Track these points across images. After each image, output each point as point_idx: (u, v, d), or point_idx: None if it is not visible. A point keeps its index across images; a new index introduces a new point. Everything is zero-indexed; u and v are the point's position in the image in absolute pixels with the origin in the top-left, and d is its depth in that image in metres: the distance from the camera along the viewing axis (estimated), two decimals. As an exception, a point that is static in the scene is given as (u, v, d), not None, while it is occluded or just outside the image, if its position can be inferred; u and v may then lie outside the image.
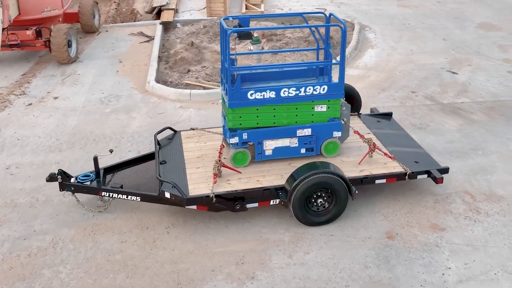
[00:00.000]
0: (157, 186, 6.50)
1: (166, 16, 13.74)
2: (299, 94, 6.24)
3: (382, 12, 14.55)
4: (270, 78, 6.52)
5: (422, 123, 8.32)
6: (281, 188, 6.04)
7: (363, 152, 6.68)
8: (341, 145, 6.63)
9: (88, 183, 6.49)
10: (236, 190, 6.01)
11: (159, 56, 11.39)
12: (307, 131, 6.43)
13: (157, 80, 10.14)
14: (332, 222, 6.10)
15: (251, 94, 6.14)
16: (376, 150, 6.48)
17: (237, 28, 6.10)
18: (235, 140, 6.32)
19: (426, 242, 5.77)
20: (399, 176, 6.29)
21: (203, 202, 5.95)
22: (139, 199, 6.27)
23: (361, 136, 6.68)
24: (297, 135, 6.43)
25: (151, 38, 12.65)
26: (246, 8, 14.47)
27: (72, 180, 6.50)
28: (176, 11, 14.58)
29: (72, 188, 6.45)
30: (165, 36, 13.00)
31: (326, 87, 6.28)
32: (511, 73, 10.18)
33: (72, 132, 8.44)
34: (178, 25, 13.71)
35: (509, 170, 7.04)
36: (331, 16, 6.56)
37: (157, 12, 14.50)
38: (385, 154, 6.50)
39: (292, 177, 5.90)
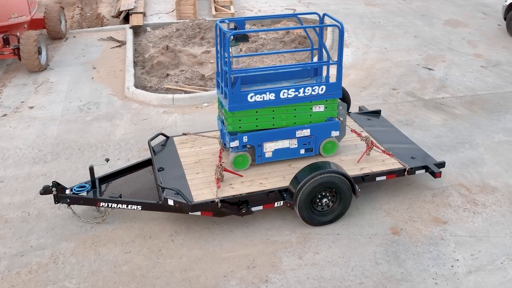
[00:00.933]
0: (156, 194, 6.44)
1: (136, 20, 13.56)
2: (298, 95, 6.30)
3: (350, 11, 14.81)
4: (265, 80, 6.55)
5: (408, 119, 8.54)
6: (285, 190, 6.08)
7: (360, 150, 6.81)
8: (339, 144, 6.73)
9: (85, 194, 6.35)
10: (241, 194, 6.01)
11: (134, 61, 11.22)
12: (306, 132, 6.50)
13: (136, 86, 10.00)
14: (336, 221, 6.18)
15: (251, 97, 6.15)
16: (374, 147, 6.61)
17: (237, 31, 6.09)
18: (235, 143, 6.31)
19: (431, 235, 5.93)
20: (399, 173, 6.43)
21: (208, 207, 5.92)
22: (140, 208, 6.18)
23: (359, 135, 6.80)
24: (297, 136, 6.48)
25: (122, 43, 12.45)
26: (216, 10, 14.44)
27: (67, 191, 6.34)
28: (144, 14, 14.40)
29: (68, 200, 6.28)
30: (136, 41, 12.82)
31: (324, 87, 6.36)
32: (484, 68, 10.57)
33: (54, 143, 8.21)
34: (148, 28, 13.56)
35: (498, 162, 7.32)
36: (325, 16, 6.64)
37: (125, 16, 14.28)
38: (383, 151, 6.64)
39: (297, 178, 5.94)
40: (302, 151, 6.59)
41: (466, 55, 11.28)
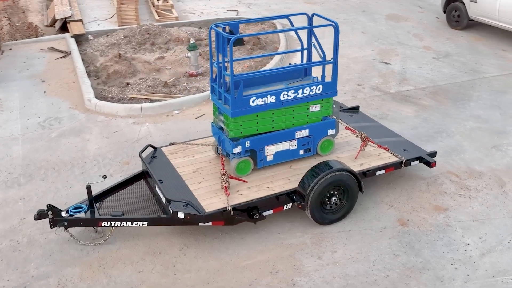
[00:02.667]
0: (156, 207, 6.28)
1: (77, 28, 13.03)
2: (297, 96, 6.38)
3: (293, 10, 15.09)
4: (259, 83, 6.56)
5: (381, 113, 8.88)
6: (293, 192, 6.14)
7: (353, 146, 7.01)
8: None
9: (82, 215, 6.07)
10: (251, 200, 6.00)
11: (87, 72, 10.80)
12: (305, 132, 6.60)
13: (96, 97, 9.63)
14: (344, 218, 6.32)
15: (253, 101, 6.16)
16: (370, 142, 6.83)
17: (240, 35, 6.06)
18: (238, 149, 6.29)
19: (437, 223, 6.23)
20: (396, 165, 6.69)
21: (220, 217, 5.86)
22: (146, 224, 6.00)
23: (353, 131, 7.00)
24: (296, 137, 6.56)
25: (67, 53, 11.93)
26: (158, 15, 14.20)
27: (63, 214, 6.03)
28: (81, 22, 13.86)
29: (65, 223, 5.99)
30: (81, 50, 12.32)
31: (321, 86, 6.49)
32: (437, 59, 11.20)
33: (24, 163, 7.75)
34: (90, 37, 13.07)
35: (476, 148, 7.80)
36: (314, 15, 6.78)
37: (62, 25, 13.68)
38: (379, 145, 6.88)
39: (307, 180, 6.02)
40: (301, 152, 6.68)
41: (416, 48, 11.89)
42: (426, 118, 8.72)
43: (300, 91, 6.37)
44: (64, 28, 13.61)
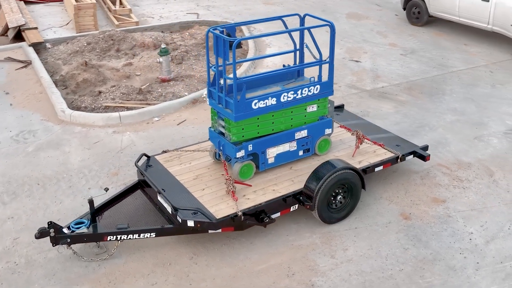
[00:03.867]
0: (160, 217, 6.20)
1: (34, 36, 12.57)
2: (297, 97, 6.46)
3: (253, 11, 15.19)
4: (256, 86, 6.59)
5: (362, 111, 9.10)
6: (299, 193, 6.21)
7: (347, 145, 7.16)
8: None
9: (85, 230, 5.89)
10: (260, 204, 6.02)
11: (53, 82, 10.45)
12: (304, 133, 6.68)
13: (69, 107, 9.35)
14: (349, 216, 6.45)
15: (255, 104, 6.18)
16: (365, 140, 7.00)
17: (241, 38, 6.07)
18: (241, 153, 6.29)
19: (438, 215, 6.47)
20: (393, 161, 6.89)
21: (231, 222, 5.85)
22: (154, 235, 5.90)
23: (348, 130, 7.15)
24: (296, 138, 6.64)
25: (27, 63, 11.50)
26: (117, 20, 13.92)
27: (65, 230, 5.84)
28: (37, 30, 13.39)
29: (69, 240, 5.80)
30: (41, 59, 11.90)
31: (319, 86, 6.60)
32: (404, 56, 11.58)
33: (4, 181, 7.43)
34: (48, 45, 12.65)
35: (459, 140, 8.14)
36: (306, 16, 6.88)
37: (16, 34, 13.16)
38: (374, 142, 7.06)
39: (314, 180, 6.09)
40: (301, 153, 6.77)
41: (382, 45, 12.24)
42: (406, 113, 9.02)
43: (299, 92, 6.46)
44: (17, 37, 13.11)
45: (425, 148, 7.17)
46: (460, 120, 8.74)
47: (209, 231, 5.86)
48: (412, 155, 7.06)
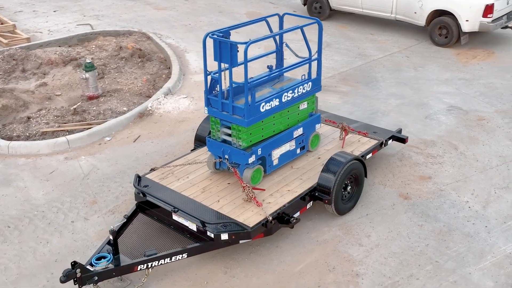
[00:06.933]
0: (179, 237, 6.07)
1: None
2: (294, 96, 6.69)
3: (148, 18, 14.93)
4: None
5: (313, 105, 9.57)
6: (314, 190, 6.46)
7: (332, 137, 7.58)
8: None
9: (111, 265, 5.55)
10: (284, 205, 6.16)
11: (-36, 113, 9.41)
12: (300, 131, 6.94)
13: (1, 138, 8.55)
14: (356, 204, 6.87)
15: (262, 107, 6.29)
16: (351, 131, 7.47)
17: (252, 40, 6.12)
18: (252, 158, 6.36)
19: (432, 190, 7.15)
20: (378, 147, 7.43)
21: (262, 229, 5.93)
22: (186, 256, 5.77)
23: (334, 122, 7.56)
24: (294, 136, 6.87)
25: None
26: (6, 38, 12.82)
27: (89, 268, 5.46)
28: None
29: (96, 278, 5.43)
30: None
31: (310, 83, 6.90)
32: (323, 49, 12.27)
33: (-35, 230, 6.64)
34: None
35: (412, 121, 8.97)
36: (285, 15, 7.14)
37: None
38: (359, 131, 7.54)
39: (327, 175, 6.37)
40: (298, 151, 7.02)
41: (296, 41, 12.81)
42: (354, 102, 9.68)
43: (296, 91, 6.70)
44: None
45: (400, 131, 7.83)
46: (404, 103, 9.62)
47: (240, 242, 5.87)
48: (391, 140, 7.68)
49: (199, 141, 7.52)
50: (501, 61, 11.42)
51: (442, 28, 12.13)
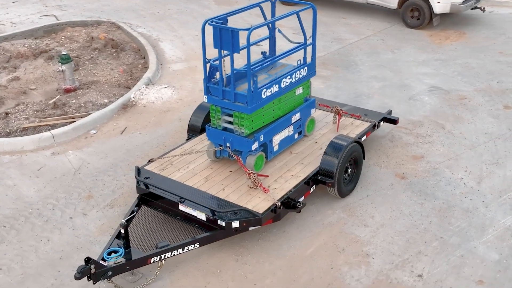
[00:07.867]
0: (188, 227, 6.07)
1: None
2: (292, 81, 6.74)
3: (113, 7, 14.63)
4: (243, 76, 6.69)
5: (297, 90, 9.65)
6: (316, 173, 6.55)
7: (325, 121, 7.68)
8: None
9: (123, 259, 5.50)
10: (290, 190, 6.23)
11: None
12: (298, 116, 7.01)
13: (-21, 137, 8.27)
14: (356, 186, 7.01)
15: (264, 93, 6.32)
16: (344, 114, 7.58)
17: (254, 26, 6.11)
18: (255, 145, 6.39)
19: (426, 169, 7.36)
20: (371, 129, 7.58)
21: (271, 215, 5.98)
22: (198, 245, 5.77)
23: (327, 107, 7.66)
24: (292, 122, 6.93)
25: None
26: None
27: (103, 263, 5.40)
28: None
29: (110, 273, 5.37)
30: None
31: (306, 68, 6.96)
32: (298, 35, 12.33)
33: (-42, 232, 6.43)
34: None
35: (397, 102, 9.18)
36: (277, 0, 7.13)
37: None
38: (352, 114, 7.67)
39: (330, 158, 6.47)
40: (296, 136, 7.09)
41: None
42: (337, 86, 9.82)
43: (293, 76, 6.75)
44: None
45: (389, 113, 8.01)
46: (386, 85, 9.82)
47: (250, 229, 5.92)
48: (383, 121, 7.84)
49: (193, 131, 7.49)
50: (473, 42, 11.79)
51: (414, 10, 12.41)
